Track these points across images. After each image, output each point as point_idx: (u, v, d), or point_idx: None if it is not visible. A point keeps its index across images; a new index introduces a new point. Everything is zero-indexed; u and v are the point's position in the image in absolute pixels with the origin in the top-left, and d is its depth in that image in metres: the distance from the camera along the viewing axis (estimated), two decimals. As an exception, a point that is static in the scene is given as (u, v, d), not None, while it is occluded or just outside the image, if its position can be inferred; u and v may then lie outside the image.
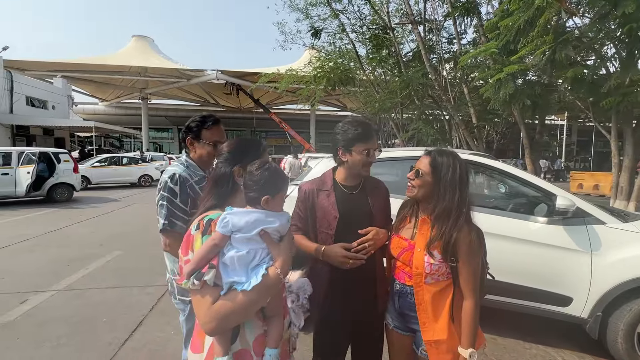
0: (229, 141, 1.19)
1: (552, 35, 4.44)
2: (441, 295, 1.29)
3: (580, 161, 31.34)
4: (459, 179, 1.27)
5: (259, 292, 0.90)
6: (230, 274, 0.91)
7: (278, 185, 1.01)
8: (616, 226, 2.46)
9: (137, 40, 31.20)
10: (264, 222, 0.95)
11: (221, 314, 0.88)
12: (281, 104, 33.20)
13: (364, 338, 1.58)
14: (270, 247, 0.96)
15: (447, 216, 1.26)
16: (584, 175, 15.21)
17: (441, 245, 1.25)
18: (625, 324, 2.31)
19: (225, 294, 0.90)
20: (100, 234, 6.19)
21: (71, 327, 2.88)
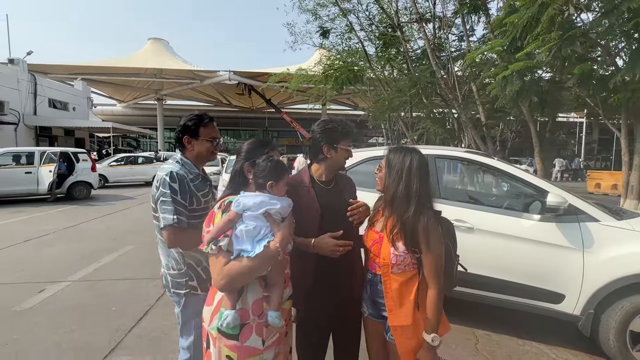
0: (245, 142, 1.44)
1: (558, 31, 4.38)
2: (407, 285, 1.37)
3: (602, 160, 30.14)
4: (407, 170, 1.36)
5: (261, 260, 1.13)
6: (239, 243, 1.15)
7: (280, 173, 1.23)
8: (610, 224, 2.45)
9: (152, 43, 32.05)
10: (268, 204, 1.18)
11: (230, 273, 1.12)
12: (292, 103, 33.45)
13: (345, 327, 1.64)
14: (272, 225, 1.18)
15: (393, 204, 1.36)
16: (602, 174, 14.68)
17: (400, 235, 1.32)
18: (617, 322, 2.30)
19: (234, 259, 1.14)
20: (114, 229, 6.48)
21: (83, 314, 3.08)
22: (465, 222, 2.72)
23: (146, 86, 29.86)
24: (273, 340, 1.25)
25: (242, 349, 1.17)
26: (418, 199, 1.33)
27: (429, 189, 1.40)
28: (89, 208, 8.97)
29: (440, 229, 1.34)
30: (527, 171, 3.20)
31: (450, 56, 8.57)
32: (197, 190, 1.57)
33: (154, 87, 29.76)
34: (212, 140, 1.64)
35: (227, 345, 1.17)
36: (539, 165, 6.50)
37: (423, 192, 1.35)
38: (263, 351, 1.21)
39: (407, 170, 1.36)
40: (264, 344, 1.21)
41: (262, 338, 1.20)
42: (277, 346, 1.27)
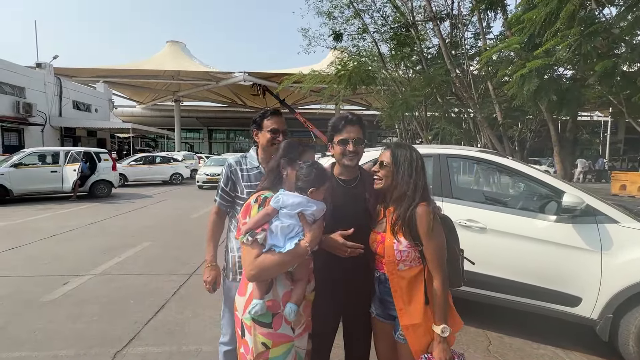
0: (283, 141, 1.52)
1: (579, 27, 4.24)
2: (415, 281, 1.36)
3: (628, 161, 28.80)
4: (415, 168, 1.39)
5: (290, 256, 1.21)
6: (272, 238, 1.23)
7: (322, 180, 1.30)
8: (630, 225, 2.36)
9: (170, 46, 32.91)
10: (304, 206, 1.25)
11: (261, 265, 1.20)
12: (306, 103, 33.57)
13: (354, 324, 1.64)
14: (304, 225, 1.26)
15: (401, 199, 1.39)
16: (628, 175, 14.03)
17: (402, 227, 1.35)
18: (638, 327, 2.23)
19: (266, 252, 1.22)
20: (133, 226, 6.71)
21: (103, 306, 3.23)
22: (478, 222, 2.69)
23: (164, 88, 30.68)
24: (302, 329, 1.34)
25: (275, 335, 1.26)
26: (421, 193, 1.37)
27: (427, 182, 1.46)
28: (110, 206, 9.32)
29: (438, 220, 1.36)
30: (547, 172, 3.12)
31: (466, 54, 8.41)
32: (246, 180, 1.75)
33: (171, 88, 30.55)
34: (273, 131, 1.74)
35: (262, 333, 1.26)
36: (558, 165, 6.30)
37: (425, 188, 1.40)
38: (294, 338, 1.30)
39: (415, 165, 1.40)
40: (294, 332, 1.30)
41: (291, 326, 1.29)
42: (305, 333, 1.36)
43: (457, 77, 7.63)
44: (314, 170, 1.29)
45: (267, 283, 1.26)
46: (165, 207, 9.37)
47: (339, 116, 1.57)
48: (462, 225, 2.73)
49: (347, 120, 1.53)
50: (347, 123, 1.52)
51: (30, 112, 17.31)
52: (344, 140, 1.51)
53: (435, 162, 3.08)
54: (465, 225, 2.73)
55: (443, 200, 2.93)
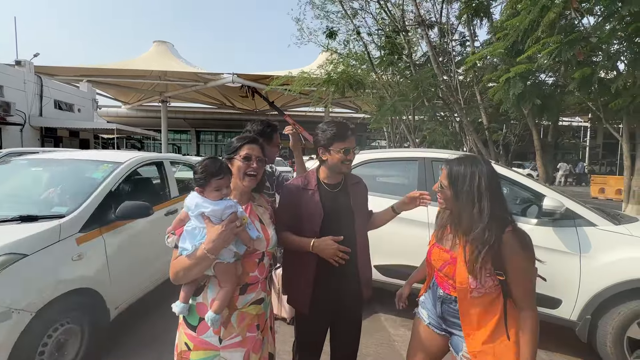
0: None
1: (559, 35, 4.37)
2: (489, 308, 1.23)
3: (607, 165, 29.89)
4: (477, 189, 1.17)
5: (192, 260, 1.16)
6: (182, 242, 1.20)
7: (205, 178, 1.21)
8: (607, 228, 2.43)
9: (157, 46, 32.43)
10: (200, 207, 1.19)
11: (174, 269, 1.19)
12: (295, 106, 33.57)
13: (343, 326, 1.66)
14: (206, 227, 1.19)
15: (470, 230, 1.18)
16: (606, 179, 14.55)
17: (482, 263, 1.16)
18: (615, 328, 2.28)
19: (179, 256, 1.20)
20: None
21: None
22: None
23: (151, 88, 30.15)
24: (234, 342, 1.23)
25: (197, 340, 1.22)
26: (490, 219, 1.15)
27: (503, 204, 1.21)
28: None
29: (526, 241, 1.17)
30: (530, 175, 3.17)
31: (453, 59, 8.57)
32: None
33: (158, 89, 30.04)
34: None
35: (186, 333, 1.24)
36: (540, 169, 6.46)
37: (496, 209, 1.17)
38: (219, 349, 1.22)
39: (477, 190, 1.17)
40: (221, 342, 1.22)
41: (219, 336, 1.22)
42: (241, 348, 1.24)
43: (444, 82, 7.77)
44: (199, 168, 1.23)
45: (192, 286, 1.23)
46: (150, 210, 9.15)
47: (342, 124, 1.57)
48: (447, 229, 2.75)
49: (352, 130, 1.58)
50: (351, 133, 1.57)
51: (9, 111, 16.70)
52: (348, 150, 1.54)
53: (420, 166, 3.11)
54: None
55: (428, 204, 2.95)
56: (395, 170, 3.84)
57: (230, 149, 1.37)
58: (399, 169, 3.77)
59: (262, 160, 1.36)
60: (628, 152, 4.86)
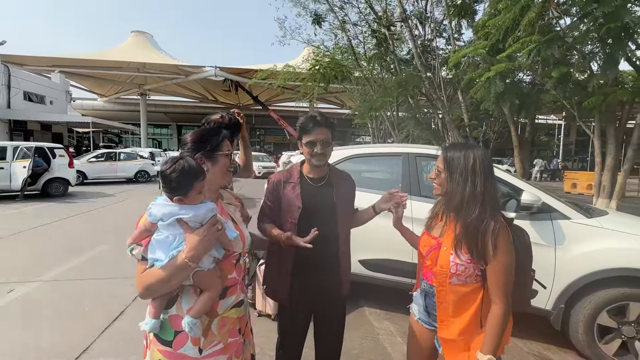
0: (192, 132, 1.29)
1: (538, 34, 4.49)
2: (467, 297, 1.22)
3: (579, 161, 31.37)
4: (472, 169, 1.19)
5: (169, 270, 1.03)
6: (153, 252, 1.06)
7: (188, 183, 1.06)
8: (580, 221, 2.53)
9: (136, 36, 31.21)
10: (177, 214, 1.06)
11: (144, 283, 1.06)
12: (280, 101, 33.26)
13: (326, 321, 1.67)
14: (185, 233, 1.06)
15: (461, 208, 1.20)
16: (578, 174, 15.24)
17: (467, 242, 1.18)
18: (586, 316, 2.39)
19: (149, 268, 1.07)
20: (91, 228, 6.27)
21: (55, 315, 2.97)
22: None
23: (129, 80, 29.06)
24: (216, 350, 1.15)
25: (175, 355, 1.10)
26: (483, 200, 1.17)
27: (496, 189, 1.22)
28: (66, 205, 8.65)
29: (510, 237, 1.17)
30: (508, 171, 3.26)
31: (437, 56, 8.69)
32: None
33: (137, 81, 29.00)
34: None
35: (160, 350, 1.12)
36: (518, 165, 6.68)
37: (489, 194, 1.19)
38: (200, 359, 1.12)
39: (470, 169, 1.20)
40: (202, 353, 1.12)
41: (199, 347, 1.11)
42: (223, 355, 1.17)
43: (427, 79, 7.86)
44: (173, 175, 1.05)
45: (163, 300, 1.10)
46: (129, 207, 8.86)
47: (307, 117, 1.56)
48: (430, 223, 2.80)
49: (315, 122, 1.53)
50: (315, 125, 1.52)
51: (-27, 102, 15.68)
52: (311, 143, 1.52)
53: (404, 161, 3.13)
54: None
55: (412, 199, 2.99)
56: (379, 166, 3.86)
57: (210, 144, 1.23)
58: (383, 164, 3.80)
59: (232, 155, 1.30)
60: (599, 149, 5.10)
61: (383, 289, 3.14)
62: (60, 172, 10.07)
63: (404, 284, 2.97)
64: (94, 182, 13.86)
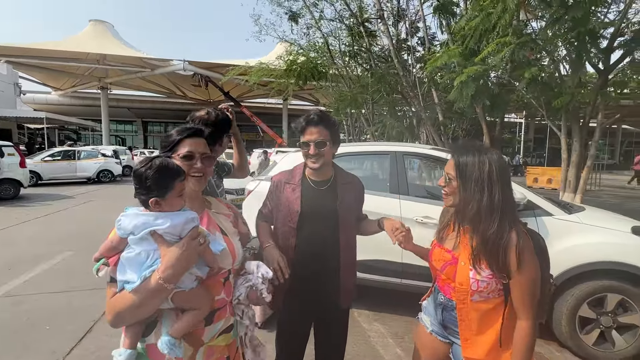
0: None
1: (512, 36, 4.64)
2: (490, 314, 1.15)
3: (537, 157, 33.65)
4: (488, 176, 1.08)
5: (141, 294, 0.87)
6: (123, 273, 0.90)
7: (166, 182, 0.92)
8: (562, 217, 2.62)
9: (94, 25, 29.09)
10: (152, 225, 0.91)
11: (114, 309, 0.90)
12: (252, 97, 32.52)
13: (327, 329, 1.58)
14: (160, 248, 0.91)
15: (479, 220, 1.10)
16: (538, 170, 16.34)
17: (485, 256, 1.10)
18: (569, 308, 2.48)
19: (119, 292, 0.91)
20: (49, 234, 5.71)
21: (10, 337, 2.62)
22: (433, 219, 2.75)
23: (87, 73, 27.06)
24: None
25: None
26: (502, 211, 1.08)
27: (513, 197, 1.13)
28: (18, 209, 7.85)
29: (532, 245, 1.10)
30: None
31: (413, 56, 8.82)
32: None
33: (96, 74, 27.07)
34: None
35: None
36: (489, 162, 6.93)
37: (507, 203, 1.09)
38: None
39: (487, 177, 1.08)
40: None
41: None
42: None
43: (404, 77, 7.95)
44: (149, 172, 0.91)
45: (139, 327, 0.95)
46: (91, 209, 8.21)
47: (304, 116, 1.46)
48: (419, 222, 2.79)
49: (309, 121, 1.43)
50: (307, 124, 1.43)
51: None
52: (305, 143, 1.43)
53: (392, 160, 3.10)
54: (421, 222, 2.78)
55: (400, 198, 2.96)
56: (367, 164, 3.82)
57: (167, 144, 1.09)
58: (371, 163, 3.76)
59: (209, 157, 1.11)
60: (565, 146, 5.41)
61: (370, 290, 3.09)
62: (10, 173, 9.12)
63: (392, 284, 2.95)
64: (50, 183, 12.75)
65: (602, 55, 4.71)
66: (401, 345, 2.66)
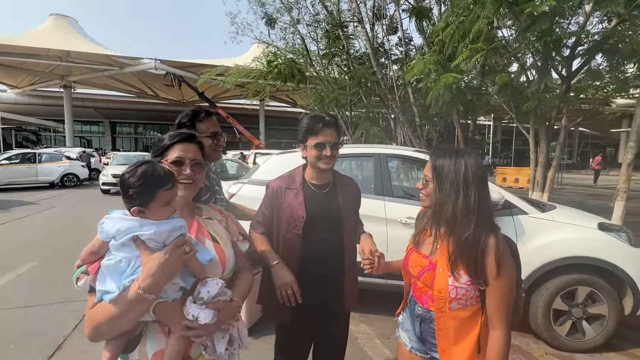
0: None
1: (484, 43, 4.86)
2: (467, 322, 1.10)
3: (504, 157, 35.50)
4: (464, 179, 1.06)
5: (121, 305, 0.83)
6: (103, 282, 0.86)
7: (149, 191, 0.88)
8: (536, 216, 2.77)
9: (56, 20, 27.38)
10: (136, 230, 0.87)
11: (92, 321, 0.85)
12: (228, 98, 31.88)
13: (327, 340, 1.55)
14: (142, 256, 0.87)
15: (454, 223, 1.07)
16: (507, 169, 17.26)
17: (464, 262, 1.06)
18: (544, 302, 2.62)
19: (98, 302, 0.86)
20: (10, 243, 5.27)
21: (-34, 359, 2.39)
22: (416, 219, 2.82)
23: (48, 70, 25.38)
24: None
25: None
26: (478, 214, 1.05)
27: (489, 200, 1.10)
28: (-30, 218, 7.20)
29: (509, 251, 1.06)
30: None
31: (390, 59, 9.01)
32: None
33: (59, 72, 25.48)
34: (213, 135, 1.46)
35: None
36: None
37: (483, 206, 1.06)
38: None
39: (463, 180, 1.06)
40: None
41: None
42: None
43: (382, 79, 8.11)
44: (132, 180, 0.88)
45: (120, 342, 0.90)
46: (56, 216, 7.69)
47: (314, 116, 1.46)
48: (403, 223, 2.84)
49: (325, 123, 1.43)
50: (324, 125, 1.42)
51: None
52: (321, 145, 1.41)
53: (376, 162, 3.14)
54: (406, 222, 2.84)
55: (385, 200, 3.00)
56: (351, 166, 3.84)
57: (157, 148, 1.06)
58: (355, 165, 3.78)
59: (199, 163, 1.07)
60: (533, 147, 5.74)
61: (358, 291, 3.11)
62: (-40, 178, 8.36)
63: (377, 285, 2.97)
64: (8, 188, 11.81)
65: (565, 62, 5.04)
66: (388, 345, 2.70)
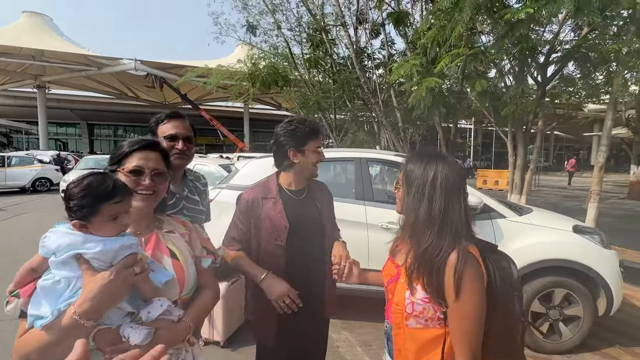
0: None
1: (465, 48, 4.95)
2: (431, 347, 0.96)
3: (484, 160, 36.50)
4: (431, 184, 0.97)
5: (54, 332, 0.73)
6: (37, 305, 0.76)
7: (90, 204, 0.79)
8: (514, 219, 2.80)
9: (29, 17, 26.26)
10: (79, 246, 0.78)
11: (22, 350, 0.76)
12: (212, 100, 31.38)
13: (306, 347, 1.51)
14: (83, 276, 0.77)
15: (413, 232, 0.98)
16: (487, 172, 17.73)
17: (419, 276, 0.95)
18: (523, 305, 2.64)
19: (28, 328, 0.76)
20: (-30, 253, 4.93)
21: None
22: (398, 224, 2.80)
23: (20, 70, 24.24)
24: None
25: None
26: (442, 224, 0.94)
27: (464, 211, 0.97)
28: None
29: (481, 274, 0.92)
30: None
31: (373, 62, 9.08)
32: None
33: (32, 71, 24.38)
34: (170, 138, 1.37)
35: None
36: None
37: (451, 216, 0.94)
38: None
39: (429, 185, 0.97)
40: None
41: None
42: None
43: (365, 83, 8.16)
44: (75, 190, 0.80)
45: None
46: (25, 222, 7.28)
47: (313, 121, 1.47)
48: (384, 228, 2.82)
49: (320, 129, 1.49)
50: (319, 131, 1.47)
51: None
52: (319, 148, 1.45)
53: (357, 166, 3.10)
54: (386, 227, 2.81)
55: (366, 204, 2.97)
56: (332, 171, 3.80)
57: (114, 156, 0.98)
58: (336, 169, 3.74)
59: (161, 173, 0.99)
60: (512, 151, 5.88)
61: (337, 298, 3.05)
62: None
63: (359, 291, 2.93)
64: (-28, 193, 11.15)
65: (540, 69, 5.20)
66: (369, 352, 2.65)
